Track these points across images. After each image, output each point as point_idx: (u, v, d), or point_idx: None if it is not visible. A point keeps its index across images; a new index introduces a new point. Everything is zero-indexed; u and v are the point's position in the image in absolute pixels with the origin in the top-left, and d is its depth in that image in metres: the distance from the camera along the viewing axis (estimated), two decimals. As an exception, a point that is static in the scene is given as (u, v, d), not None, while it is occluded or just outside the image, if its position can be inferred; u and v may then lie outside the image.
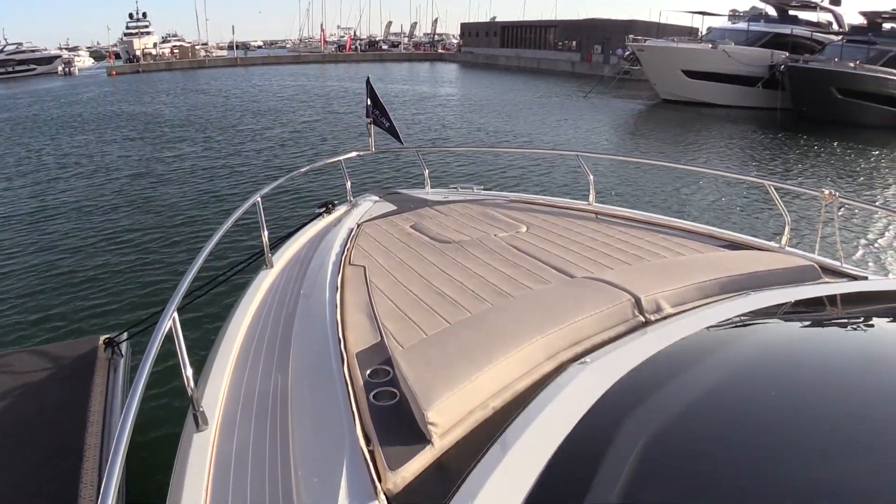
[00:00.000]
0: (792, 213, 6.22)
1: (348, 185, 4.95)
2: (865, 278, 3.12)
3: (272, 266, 3.57)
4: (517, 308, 2.53)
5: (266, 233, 3.51)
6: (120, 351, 4.26)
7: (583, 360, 1.93)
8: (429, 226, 4.04)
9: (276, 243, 4.06)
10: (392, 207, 4.68)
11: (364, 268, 3.23)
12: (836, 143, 19.34)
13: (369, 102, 5.52)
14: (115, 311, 6.96)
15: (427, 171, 5.47)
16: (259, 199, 3.58)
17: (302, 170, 5.02)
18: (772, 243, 3.78)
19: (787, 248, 3.63)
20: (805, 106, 24.03)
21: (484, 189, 5.34)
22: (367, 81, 5.49)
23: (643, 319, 2.40)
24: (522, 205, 4.73)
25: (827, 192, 3.64)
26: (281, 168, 14.75)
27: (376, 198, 5.01)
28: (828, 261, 3.36)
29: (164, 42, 72.83)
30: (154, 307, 6.24)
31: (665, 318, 2.40)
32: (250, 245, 7.15)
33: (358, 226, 4.13)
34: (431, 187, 5.41)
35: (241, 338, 2.77)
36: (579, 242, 3.65)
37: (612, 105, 29.31)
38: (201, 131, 20.62)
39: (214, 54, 69.40)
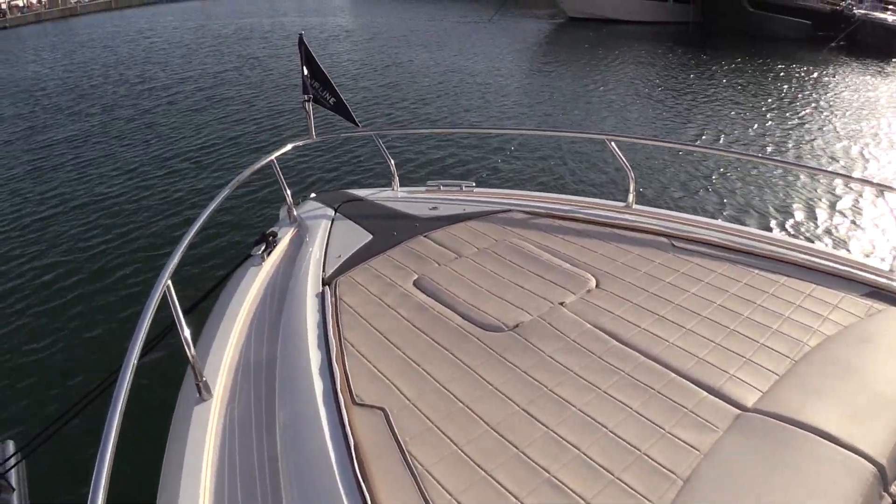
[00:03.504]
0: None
1: (289, 196, 3.62)
2: None
3: (208, 396, 2.20)
4: None
5: (193, 351, 2.14)
6: (8, 482, 2.84)
7: None
8: (442, 282, 2.78)
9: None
10: (360, 233, 3.36)
11: (384, 413, 1.97)
12: (749, 59, 18.49)
13: (306, 72, 3.91)
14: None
15: (393, 164, 4.02)
16: (169, 283, 2.16)
17: (221, 195, 3.11)
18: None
19: None
20: (717, 19, 23.05)
21: (476, 185, 3.99)
22: (301, 40, 3.87)
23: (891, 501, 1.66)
24: (549, 220, 3.41)
25: None
26: (212, 140, 11.31)
27: (329, 210, 3.66)
28: None
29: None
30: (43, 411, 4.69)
31: None
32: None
33: (326, 285, 2.80)
34: (401, 184, 4.11)
35: None
36: (682, 307, 2.53)
37: (520, 27, 27.22)
38: (96, 99, 15.82)
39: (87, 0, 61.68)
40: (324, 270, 2.94)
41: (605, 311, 2.49)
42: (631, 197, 3.52)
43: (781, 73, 16.79)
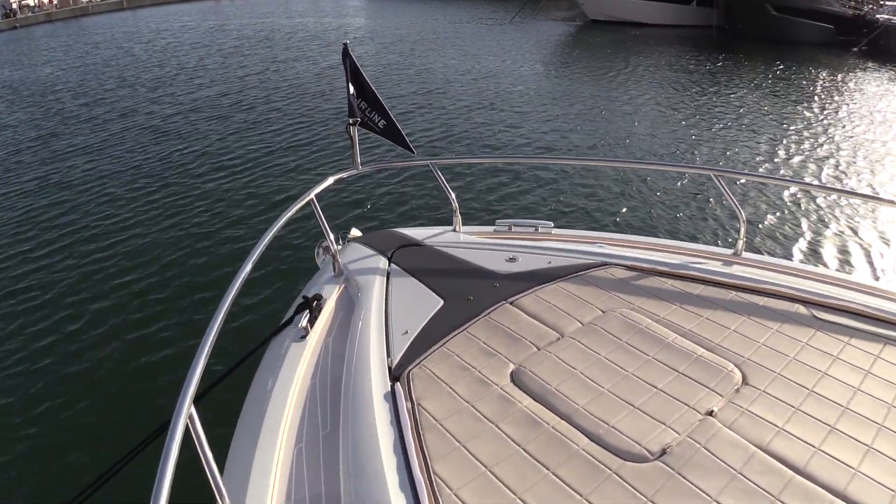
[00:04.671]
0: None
1: (333, 244, 3.00)
2: None
3: None
4: None
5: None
6: None
7: None
8: (549, 378, 2.13)
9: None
10: (425, 295, 2.70)
11: None
12: (773, 64, 18.46)
13: (352, 90, 3.32)
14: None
15: (454, 198, 3.45)
16: (193, 411, 1.63)
17: (254, 254, 2.45)
18: None
19: None
20: (740, 23, 22.92)
21: (554, 226, 3.46)
22: (346, 51, 3.28)
23: None
24: (657, 279, 2.81)
25: None
26: (241, 153, 10.57)
27: (381, 260, 3.03)
28: None
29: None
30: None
31: None
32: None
33: (396, 381, 2.14)
34: (463, 223, 3.50)
35: None
36: (852, 413, 1.98)
37: (540, 29, 27.14)
38: (111, 105, 15.23)
39: (98, -1, 61.75)
40: (388, 354, 2.29)
41: (766, 424, 1.92)
42: (740, 243, 3.07)
43: (810, 80, 16.72)
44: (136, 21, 41.08)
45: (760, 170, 9.83)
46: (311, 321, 2.62)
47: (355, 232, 3.58)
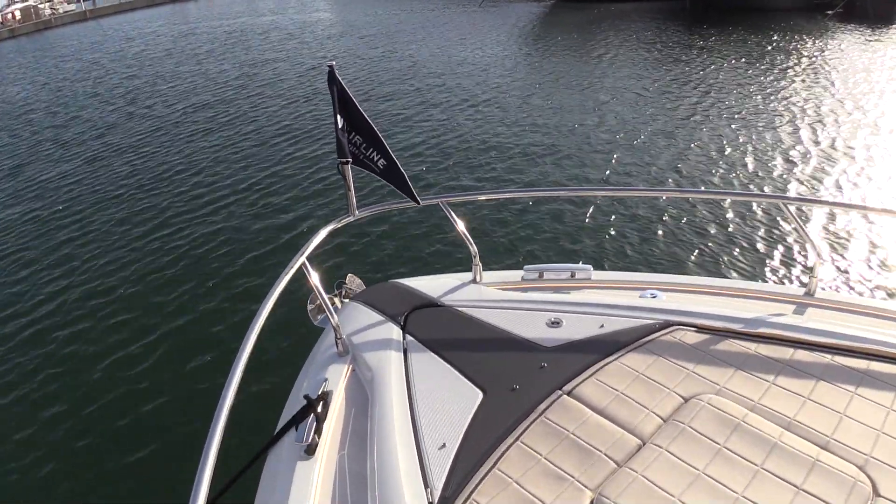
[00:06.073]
0: None
1: (333, 316, 2.37)
2: None
3: None
4: None
5: None
6: None
7: None
8: None
9: None
10: (459, 385, 2.13)
11: None
12: (749, 33, 18.21)
13: (341, 123, 2.67)
14: None
15: (470, 238, 2.84)
16: None
17: (255, 329, 2.00)
18: None
19: None
20: (713, -7, 22.73)
21: (593, 268, 2.92)
22: (332, 74, 2.64)
23: None
24: (734, 343, 2.25)
25: None
26: (233, 176, 9.85)
27: (393, 330, 2.45)
28: None
29: (7, 7, 62.26)
30: None
31: None
32: None
33: None
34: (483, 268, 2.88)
35: None
36: None
37: (510, 12, 26.57)
38: (87, 122, 14.50)
39: (61, 10, 60.01)
40: (426, 483, 1.74)
41: None
42: (814, 282, 2.59)
43: (792, 46, 16.48)
44: (102, 31, 39.57)
45: (782, 182, 9.56)
46: (318, 430, 2.00)
47: (353, 281, 3.01)
